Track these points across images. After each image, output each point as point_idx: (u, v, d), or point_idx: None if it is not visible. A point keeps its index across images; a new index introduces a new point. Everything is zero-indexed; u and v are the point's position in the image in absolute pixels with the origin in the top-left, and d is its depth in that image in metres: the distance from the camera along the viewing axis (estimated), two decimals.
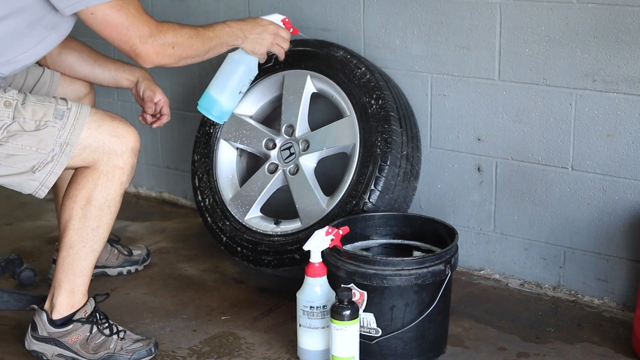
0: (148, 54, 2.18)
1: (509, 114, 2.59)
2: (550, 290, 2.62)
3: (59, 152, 2.11)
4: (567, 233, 2.56)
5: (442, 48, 2.66)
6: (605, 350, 2.29)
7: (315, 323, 2.17)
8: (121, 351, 2.24)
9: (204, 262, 2.90)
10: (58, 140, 2.11)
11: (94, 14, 2.11)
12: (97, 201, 2.17)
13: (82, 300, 2.25)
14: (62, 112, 2.12)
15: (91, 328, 2.24)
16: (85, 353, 2.24)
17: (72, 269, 2.22)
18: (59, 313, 2.24)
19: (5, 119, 2.08)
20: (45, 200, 3.49)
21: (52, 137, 2.10)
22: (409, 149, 2.56)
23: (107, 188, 2.17)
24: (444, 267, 2.15)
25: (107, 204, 2.18)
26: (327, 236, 2.20)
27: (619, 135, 2.42)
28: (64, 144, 2.11)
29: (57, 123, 2.11)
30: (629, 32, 2.34)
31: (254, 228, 2.68)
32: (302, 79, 2.71)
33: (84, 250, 2.20)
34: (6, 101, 2.09)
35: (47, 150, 2.11)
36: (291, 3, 2.94)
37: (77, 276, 2.23)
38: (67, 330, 2.23)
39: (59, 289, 2.24)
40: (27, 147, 2.10)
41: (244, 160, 2.90)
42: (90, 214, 2.17)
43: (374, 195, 2.48)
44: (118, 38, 2.15)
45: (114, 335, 2.26)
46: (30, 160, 2.11)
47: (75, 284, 2.23)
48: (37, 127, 2.10)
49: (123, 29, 2.13)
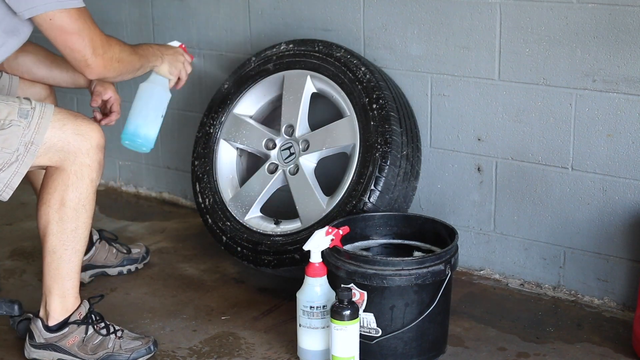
0: (97, 66, 2.18)
1: (509, 114, 2.59)
2: (550, 290, 2.62)
3: (23, 151, 2.09)
4: (567, 233, 2.56)
5: (442, 48, 2.66)
6: (605, 350, 2.29)
7: (315, 323, 2.18)
8: (120, 350, 2.24)
9: (204, 262, 2.90)
10: (23, 140, 2.09)
11: (52, 20, 2.09)
12: (71, 202, 2.16)
13: (75, 303, 2.25)
14: (26, 111, 2.11)
15: (87, 329, 2.24)
16: (83, 355, 2.23)
17: (59, 273, 2.21)
18: (54, 319, 2.23)
19: None
20: None
21: (16, 137, 2.08)
22: (409, 149, 2.56)
23: (79, 187, 2.16)
24: (444, 267, 2.16)
25: (82, 203, 2.17)
26: (327, 236, 2.20)
27: (619, 135, 2.42)
28: (28, 143, 2.09)
29: (22, 122, 2.09)
30: (629, 32, 2.34)
31: (254, 228, 2.68)
32: (302, 79, 2.71)
33: (67, 253, 2.19)
34: None
35: (11, 149, 2.09)
36: (291, 3, 2.95)
37: (65, 280, 2.22)
38: (64, 333, 2.23)
39: (50, 296, 2.22)
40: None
41: (244, 161, 2.90)
42: (67, 215, 2.17)
43: (374, 195, 2.48)
44: (71, 47, 2.14)
45: (112, 335, 2.26)
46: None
47: (65, 288, 2.22)
48: (2, 127, 2.08)
49: (78, 39, 2.12)
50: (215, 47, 3.18)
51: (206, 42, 3.20)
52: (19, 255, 2.97)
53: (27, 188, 3.59)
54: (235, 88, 2.83)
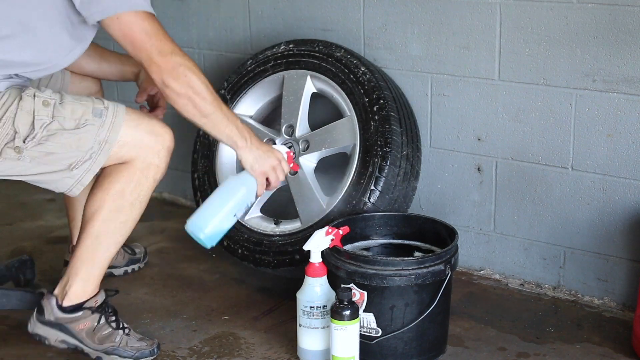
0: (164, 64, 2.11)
1: (509, 114, 2.59)
2: (550, 290, 2.62)
3: (97, 150, 2.13)
4: (567, 233, 2.56)
5: (442, 48, 2.66)
6: (605, 350, 2.29)
7: (315, 323, 2.18)
8: (126, 347, 2.25)
9: (204, 262, 2.90)
10: (97, 139, 2.12)
11: (119, 19, 2.09)
12: (130, 196, 2.19)
13: (94, 290, 2.27)
14: (100, 110, 2.13)
15: (99, 318, 2.25)
16: (90, 342, 2.25)
17: (92, 258, 2.23)
18: (70, 300, 2.24)
19: (45, 118, 2.09)
20: (45, 201, 3.50)
21: (91, 136, 2.12)
22: (409, 149, 2.56)
23: (141, 184, 2.19)
24: (444, 267, 2.15)
25: (139, 200, 2.20)
26: (327, 236, 2.20)
27: (619, 135, 2.42)
28: (102, 142, 2.13)
29: (96, 121, 2.12)
30: (629, 32, 2.34)
31: (254, 228, 2.68)
32: (302, 79, 2.71)
33: (108, 242, 2.22)
34: (44, 100, 2.10)
35: (86, 148, 2.12)
36: (291, 3, 2.95)
37: (96, 266, 2.24)
38: (76, 317, 2.24)
39: (74, 277, 2.24)
40: (67, 145, 2.11)
41: None
42: (122, 207, 2.19)
43: (374, 195, 2.48)
44: (138, 46, 2.11)
45: (120, 330, 2.27)
46: (68, 158, 2.12)
47: (92, 274, 2.24)
48: (77, 126, 2.11)
49: (145, 37, 2.10)
50: (215, 47, 3.18)
51: (206, 42, 3.20)
52: (19, 255, 2.96)
53: (27, 188, 3.59)
54: (235, 88, 2.83)
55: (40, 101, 2.10)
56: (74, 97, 2.17)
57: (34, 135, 2.09)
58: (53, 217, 3.33)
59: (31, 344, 2.36)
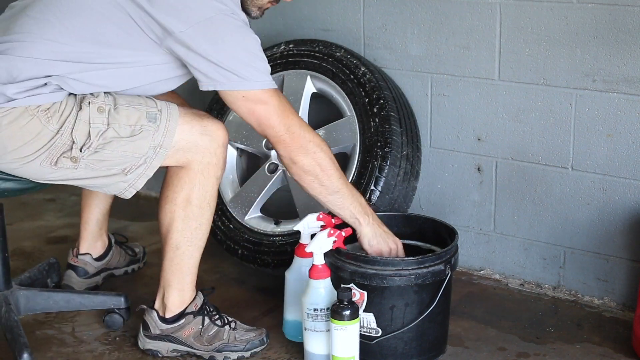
0: (292, 142, 2.12)
1: (509, 114, 2.59)
2: (550, 290, 2.62)
3: (152, 154, 2.10)
4: (567, 233, 2.56)
5: (442, 48, 2.66)
6: (605, 350, 2.29)
7: (320, 326, 2.15)
8: (235, 341, 2.26)
9: (204, 262, 2.87)
10: (152, 143, 2.09)
11: (245, 97, 2.08)
12: (197, 200, 2.17)
13: (191, 296, 2.27)
14: (154, 114, 2.09)
15: (203, 320, 2.26)
16: (199, 345, 2.26)
17: (180, 268, 2.23)
18: (171, 312, 2.25)
19: (100, 126, 2.05)
20: (45, 201, 3.50)
21: (146, 141, 2.08)
22: (409, 149, 2.57)
23: (205, 186, 2.16)
24: (444, 267, 2.15)
25: (207, 201, 2.18)
26: (330, 238, 2.19)
27: (619, 135, 2.42)
28: (157, 147, 2.09)
29: (152, 126, 2.09)
30: (629, 32, 2.34)
31: (254, 228, 2.68)
32: (302, 79, 2.71)
33: (190, 249, 2.21)
34: (99, 107, 2.06)
35: (141, 153, 2.09)
36: (291, 3, 2.93)
37: (186, 275, 2.24)
38: (180, 324, 2.26)
39: (169, 289, 2.25)
40: (123, 152, 2.08)
41: (244, 161, 2.90)
42: (192, 213, 2.18)
43: (374, 195, 2.48)
44: (265, 122, 2.11)
45: (226, 326, 2.28)
46: (123, 163, 2.09)
47: (185, 282, 2.25)
48: (133, 133, 2.07)
49: (274, 116, 2.10)
50: None
51: None
52: (19, 255, 2.97)
53: None
54: None
55: (95, 108, 2.05)
56: (127, 99, 2.10)
57: (90, 144, 2.05)
58: (53, 217, 3.33)
59: (31, 344, 2.36)
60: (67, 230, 3.15)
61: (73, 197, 3.49)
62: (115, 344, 2.36)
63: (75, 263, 2.64)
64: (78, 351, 2.33)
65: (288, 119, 2.11)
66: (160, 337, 2.27)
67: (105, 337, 2.40)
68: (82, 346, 2.36)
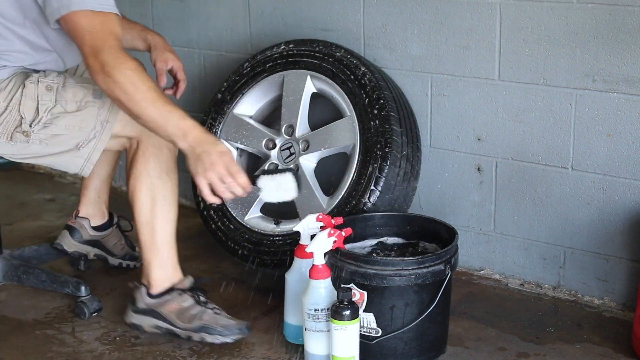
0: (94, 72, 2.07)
1: (509, 114, 2.59)
2: (550, 290, 2.62)
3: (100, 129, 2.24)
4: (567, 233, 2.56)
5: (442, 48, 2.66)
6: (605, 350, 2.29)
7: (321, 326, 2.15)
8: (215, 324, 2.30)
9: (204, 262, 2.90)
10: (99, 119, 2.24)
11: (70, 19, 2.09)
12: (154, 172, 2.28)
13: (175, 274, 2.35)
14: (100, 92, 2.21)
15: (187, 299, 2.33)
16: (180, 323, 2.31)
17: (154, 243, 2.31)
18: (156, 288, 2.34)
19: (48, 102, 2.22)
20: (45, 201, 3.51)
21: (92, 116, 2.23)
22: (409, 149, 2.57)
23: (159, 157, 2.27)
24: (444, 267, 2.16)
25: (165, 172, 2.29)
26: (330, 238, 2.19)
27: (619, 135, 2.42)
28: (104, 122, 2.24)
29: (97, 102, 2.24)
30: (629, 32, 2.34)
31: (254, 228, 2.68)
32: (302, 79, 2.71)
33: (160, 222, 2.30)
34: (47, 85, 2.23)
35: (89, 128, 2.23)
36: (291, 3, 2.95)
37: (162, 250, 2.32)
38: (165, 299, 2.33)
39: (149, 267, 2.34)
40: (71, 126, 2.23)
41: (244, 160, 2.90)
42: (153, 185, 2.28)
43: (374, 195, 2.48)
44: (79, 43, 2.11)
45: (210, 310, 2.33)
46: (74, 138, 2.24)
47: (162, 257, 2.33)
48: (79, 108, 2.24)
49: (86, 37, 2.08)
50: (216, 47, 3.18)
51: (206, 42, 3.20)
52: None
53: (27, 188, 3.60)
54: (235, 88, 2.83)
55: (43, 86, 2.23)
56: (77, 79, 2.28)
57: (39, 119, 2.22)
58: (53, 217, 3.33)
59: (31, 344, 2.37)
60: None
61: (73, 197, 3.49)
62: (115, 344, 2.36)
63: (72, 224, 2.71)
64: (78, 351, 2.33)
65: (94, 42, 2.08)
66: (145, 312, 2.34)
67: (105, 337, 2.40)
68: (82, 346, 2.36)
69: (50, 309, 2.56)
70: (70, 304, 2.56)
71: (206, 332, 2.29)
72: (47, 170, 3.82)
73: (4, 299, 2.62)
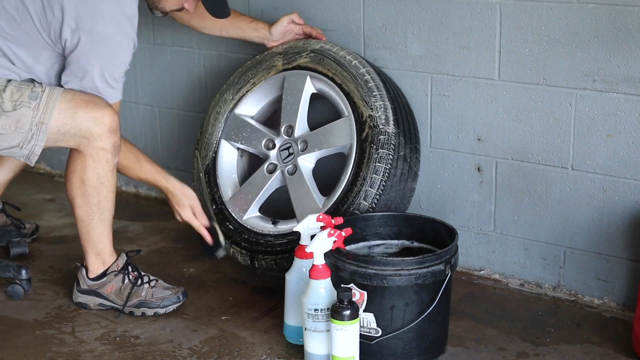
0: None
1: (509, 114, 2.59)
2: (550, 290, 2.62)
3: (36, 131, 2.33)
4: (567, 233, 2.56)
5: (442, 48, 2.66)
6: (605, 350, 2.29)
7: (320, 326, 2.15)
8: (152, 298, 2.49)
9: (204, 262, 2.90)
10: (34, 120, 2.33)
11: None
12: (90, 181, 2.41)
13: (110, 259, 2.52)
14: (36, 93, 2.34)
15: (123, 279, 2.50)
16: (119, 301, 2.50)
17: (90, 237, 2.49)
18: (93, 272, 2.52)
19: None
20: (45, 201, 3.51)
21: (27, 117, 2.33)
22: (407, 149, 2.56)
23: (96, 168, 2.39)
24: (444, 267, 2.16)
25: (100, 181, 2.41)
26: (330, 238, 2.19)
27: (619, 135, 2.42)
28: (39, 124, 2.33)
29: (32, 103, 2.33)
30: (629, 32, 2.34)
31: (252, 228, 2.68)
32: (302, 79, 2.70)
33: (94, 221, 2.46)
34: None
35: (25, 129, 2.33)
36: (291, 3, 2.94)
37: (97, 242, 2.50)
38: (103, 282, 2.51)
39: (87, 255, 2.52)
40: (7, 126, 2.33)
41: (245, 161, 2.90)
42: (88, 192, 2.42)
43: (370, 195, 2.48)
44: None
45: (145, 285, 2.51)
46: (14, 139, 2.34)
47: (98, 248, 2.50)
48: (14, 107, 2.33)
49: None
50: (215, 47, 3.18)
51: (206, 42, 3.19)
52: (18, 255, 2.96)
53: (27, 188, 3.59)
54: (236, 89, 2.83)
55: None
56: (20, 83, 2.37)
57: None
58: (53, 217, 3.33)
59: (31, 344, 2.37)
60: (67, 230, 3.15)
61: None
62: (115, 344, 2.36)
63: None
64: (78, 351, 2.33)
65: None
66: (88, 292, 2.53)
67: (105, 337, 2.40)
68: (82, 346, 2.36)
69: (50, 309, 2.57)
70: (70, 304, 2.57)
71: (146, 307, 2.48)
72: (47, 170, 3.83)
73: (4, 299, 2.62)
